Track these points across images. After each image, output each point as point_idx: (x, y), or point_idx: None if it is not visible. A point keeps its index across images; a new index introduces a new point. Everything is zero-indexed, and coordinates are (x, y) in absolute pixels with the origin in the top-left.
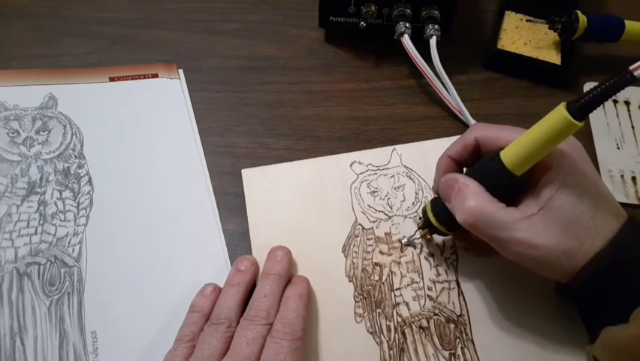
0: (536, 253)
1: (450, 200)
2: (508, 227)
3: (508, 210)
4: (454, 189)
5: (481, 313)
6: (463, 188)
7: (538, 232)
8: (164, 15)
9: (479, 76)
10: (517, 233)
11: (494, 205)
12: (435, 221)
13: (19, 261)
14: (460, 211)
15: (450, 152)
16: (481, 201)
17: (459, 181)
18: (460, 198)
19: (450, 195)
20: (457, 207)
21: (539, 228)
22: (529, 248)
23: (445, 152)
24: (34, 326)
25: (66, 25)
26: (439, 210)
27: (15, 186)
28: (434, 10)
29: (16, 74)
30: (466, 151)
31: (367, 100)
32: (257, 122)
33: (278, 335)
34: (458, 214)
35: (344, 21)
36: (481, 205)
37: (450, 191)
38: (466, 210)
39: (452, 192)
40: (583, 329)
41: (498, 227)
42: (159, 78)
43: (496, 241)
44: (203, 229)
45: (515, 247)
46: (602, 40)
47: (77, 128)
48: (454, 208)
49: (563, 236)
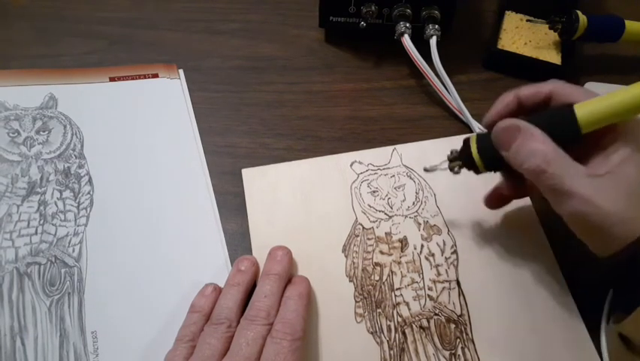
0: (594, 214)
1: (509, 148)
2: (573, 180)
3: (575, 164)
4: (515, 137)
5: (481, 313)
6: (528, 134)
7: (601, 193)
8: (164, 15)
9: (479, 76)
10: (580, 188)
11: (563, 155)
12: (477, 156)
13: (19, 261)
14: (527, 158)
15: (520, 92)
16: (549, 148)
17: (522, 128)
18: (526, 144)
19: (511, 143)
20: (523, 155)
21: (603, 189)
22: (589, 207)
23: (515, 90)
24: (34, 326)
25: (66, 25)
26: (485, 146)
27: (15, 186)
28: (434, 10)
29: (16, 74)
30: (536, 98)
31: (367, 100)
32: (257, 122)
33: (278, 335)
34: (524, 162)
35: (344, 21)
36: (550, 152)
37: (511, 138)
38: (534, 155)
39: (514, 140)
40: (583, 328)
41: (563, 178)
42: (159, 78)
43: (555, 193)
44: (203, 229)
45: (575, 202)
46: (602, 41)
47: (77, 128)
48: (517, 156)
49: (625, 204)
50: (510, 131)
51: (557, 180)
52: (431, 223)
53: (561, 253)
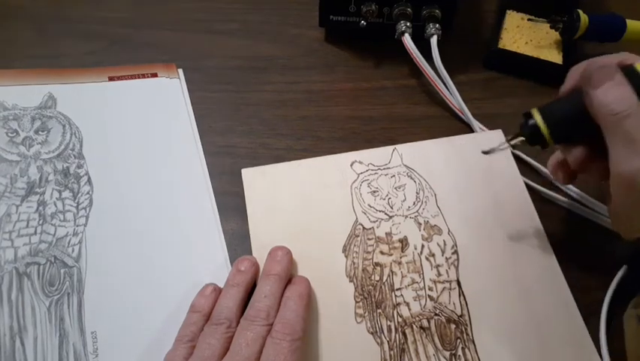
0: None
1: (601, 85)
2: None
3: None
4: (612, 78)
5: (481, 313)
6: (622, 80)
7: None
8: (164, 15)
9: (480, 75)
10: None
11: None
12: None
13: (18, 261)
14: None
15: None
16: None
17: (618, 72)
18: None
19: (605, 81)
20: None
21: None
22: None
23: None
24: (34, 326)
25: (66, 25)
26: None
27: (14, 186)
28: (435, 9)
29: (16, 73)
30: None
31: (367, 100)
32: (257, 122)
33: (278, 336)
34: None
35: (344, 20)
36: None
37: (607, 78)
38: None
39: (610, 79)
40: (583, 328)
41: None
42: (159, 78)
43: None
44: (203, 230)
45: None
46: (604, 40)
47: (77, 128)
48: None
49: None
50: (608, 71)
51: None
52: (432, 223)
53: (561, 253)
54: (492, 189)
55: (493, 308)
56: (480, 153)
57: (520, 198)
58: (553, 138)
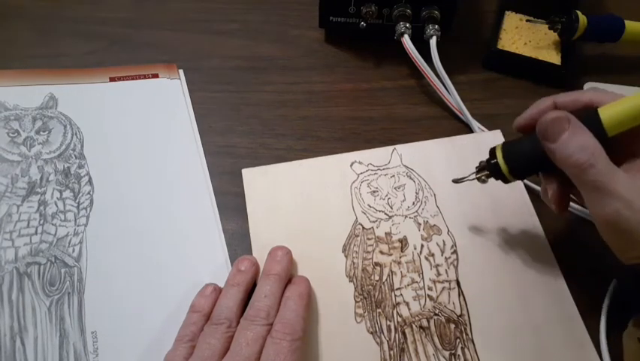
0: (633, 218)
1: (557, 139)
2: (617, 180)
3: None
4: (565, 128)
5: (481, 313)
6: (578, 129)
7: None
8: (164, 15)
9: (479, 76)
10: (623, 189)
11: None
12: (503, 164)
13: (19, 261)
14: (575, 152)
15: (558, 99)
16: (597, 146)
17: (572, 121)
18: (576, 138)
19: (560, 133)
20: (571, 148)
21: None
22: (628, 210)
23: (552, 97)
24: (34, 326)
25: (66, 25)
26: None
27: (15, 186)
28: (434, 10)
29: (17, 74)
30: (574, 106)
31: (367, 100)
32: (257, 122)
33: (278, 336)
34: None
35: (344, 21)
36: (599, 150)
37: (560, 130)
38: (583, 151)
39: (563, 132)
40: (583, 328)
41: (609, 175)
42: (159, 78)
43: (599, 191)
44: (203, 229)
45: (617, 203)
46: (602, 41)
47: (78, 129)
48: (564, 148)
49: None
50: (560, 122)
51: (604, 177)
52: (431, 223)
53: (560, 253)
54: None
55: (492, 308)
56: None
57: (520, 199)
58: (513, 176)
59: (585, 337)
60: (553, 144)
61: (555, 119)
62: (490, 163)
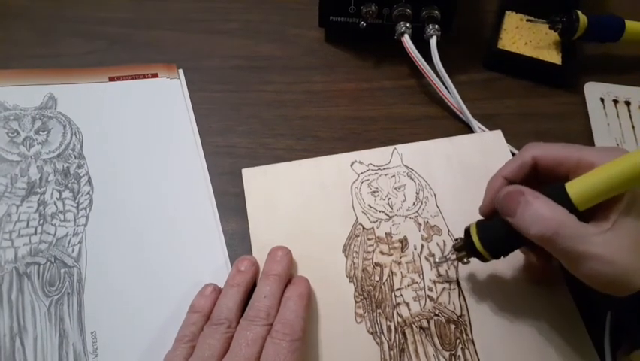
0: (612, 271)
1: (515, 213)
2: (587, 241)
3: (584, 224)
4: (519, 201)
5: (481, 313)
6: (533, 199)
7: (614, 248)
8: (164, 15)
9: (480, 76)
10: (593, 248)
11: (571, 217)
12: (480, 246)
13: (18, 261)
14: (535, 223)
15: (504, 172)
16: (557, 211)
17: (526, 193)
18: (533, 209)
19: (515, 208)
20: (530, 220)
21: (615, 243)
22: (605, 265)
23: (499, 172)
24: (33, 326)
25: (66, 25)
26: (487, 235)
27: (14, 186)
28: (434, 9)
29: (16, 74)
30: (522, 171)
31: (367, 100)
32: (257, 122)
33: (277, 336)
34: (532, 227)
35: (344, 21)
36: (559, 215)
37: (515, 204)
38: (544, 220)
39: (518, 205)
40: (583, 329)
41: (576, 239)
42: (159, 78)
43: (570, 256)
44: (203, 229)
45: (591, 263)
46: (603, 40)
47: (77, 128)
48: (523, 221)
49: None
50: (513, 196)
51: (570, 243)
52: (431, 224)
53: None
54: None
55: (492, 309)
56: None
57: None
58: (491, 255)
59: (585, 337)
60: (512, 219)
61: (507, 194)
62: (467, 244)
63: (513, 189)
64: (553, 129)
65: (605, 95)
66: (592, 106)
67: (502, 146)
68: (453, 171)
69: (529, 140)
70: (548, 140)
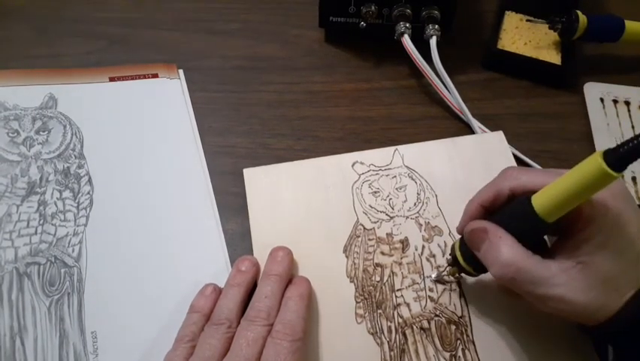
0: (572, 309)
1: (479, 250)
2: (546, 283)
3: (545, 264)
4: (484, 240)
5: (482, 314)
6: (495, 240)
7: (576, 288)
8: (164, 15)
9: (479, 76)
10: (554, 289)
11: (531, 260)
12: (463, 261)
13: (19, 261)
14: (495, 265)
15: (482, 200)
16: (517, 256)
17: (489, 231)
18: (493, 250)
19: (480, 245)
20: (491, 260)
21: (577, 283)
22: (566, 304)
23: (476, 198)
24: (34, 326)
25: (66, 25)
26: (466, 250)
27: (15, 186)
28: (434, 10)
29: (16, 74)
30: (498, 201)
31: (367, 100)
32: (257, 122)
33: (278, 336)
34: (492, 268)
35: (344, 21)
36: (518, 260)
37: (479, 241)
38: (502, 264)
39: (482, 243)
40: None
41: (535, 283)
42: (159, 78)
43: (531, 296)
44: (203, 229)
45: (552, 303)
46: (603, 40)
47: (77, 128)
48: (485, 260)
49: (602, 291)
50: (477, 233)
51: (528, 287)
52: (432, 224)
53: None
54: None
55: (493, 309)
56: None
57: None
58: (474, 269)
59: (585, 338)
60: (478, 253)
61: (472, 231)
62: (453, 258)
63: (477, 227)
64: (552, 129)
65: (605, 95)
66: (591, 106)
67: (503, 147)
68: (454, 172)
69: (528, 140)
70: (548, 140)
